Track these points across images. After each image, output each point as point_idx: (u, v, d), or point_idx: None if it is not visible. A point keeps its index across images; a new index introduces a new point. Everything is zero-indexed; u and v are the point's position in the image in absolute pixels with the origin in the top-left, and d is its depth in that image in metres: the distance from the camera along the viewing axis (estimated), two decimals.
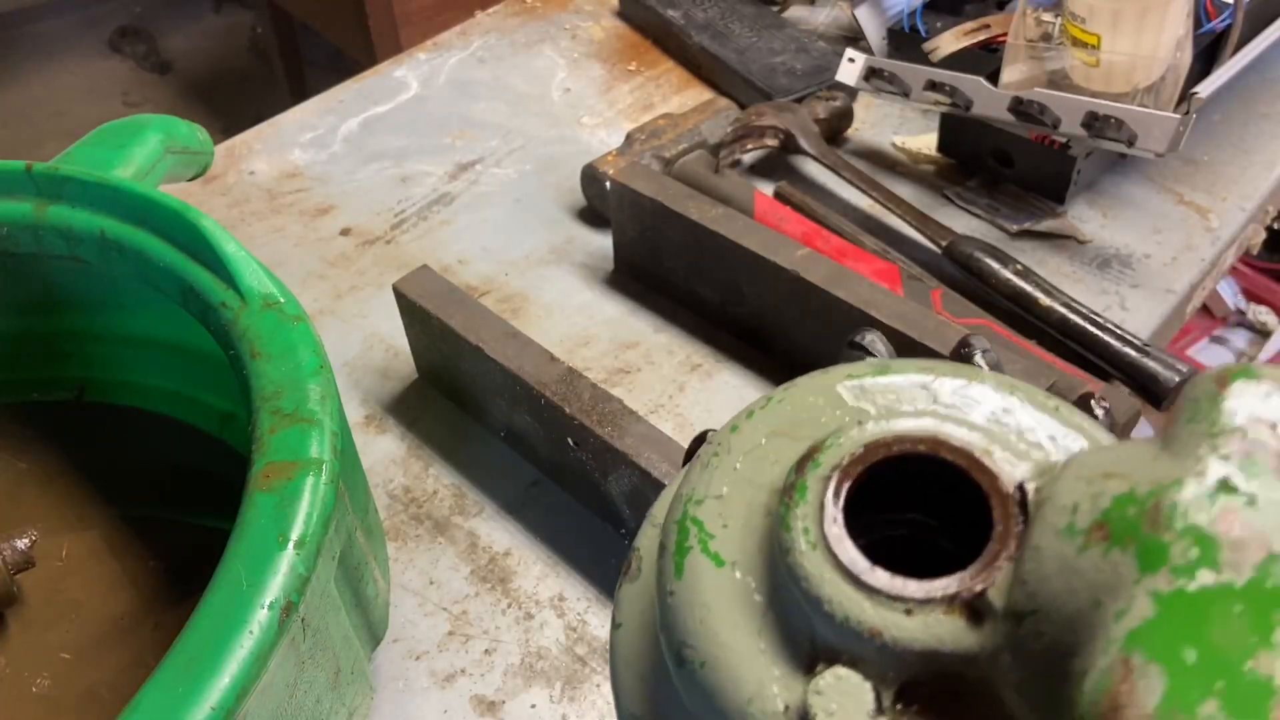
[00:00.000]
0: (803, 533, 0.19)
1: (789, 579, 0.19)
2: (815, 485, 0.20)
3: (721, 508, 0.21)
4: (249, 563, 0.31)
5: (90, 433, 0.51)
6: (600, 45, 0.89)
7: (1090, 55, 0.61)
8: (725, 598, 0.20)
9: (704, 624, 0.20)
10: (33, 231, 0.43)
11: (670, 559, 0.21)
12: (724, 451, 0.22)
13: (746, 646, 0.19)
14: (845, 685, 0.18)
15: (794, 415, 0.22)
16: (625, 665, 0.23)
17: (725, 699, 0.19)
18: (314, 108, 0.83)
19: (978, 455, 0.20)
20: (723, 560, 0.20)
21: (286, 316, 0.38)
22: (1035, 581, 0.17)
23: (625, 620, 0.24)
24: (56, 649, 0.44)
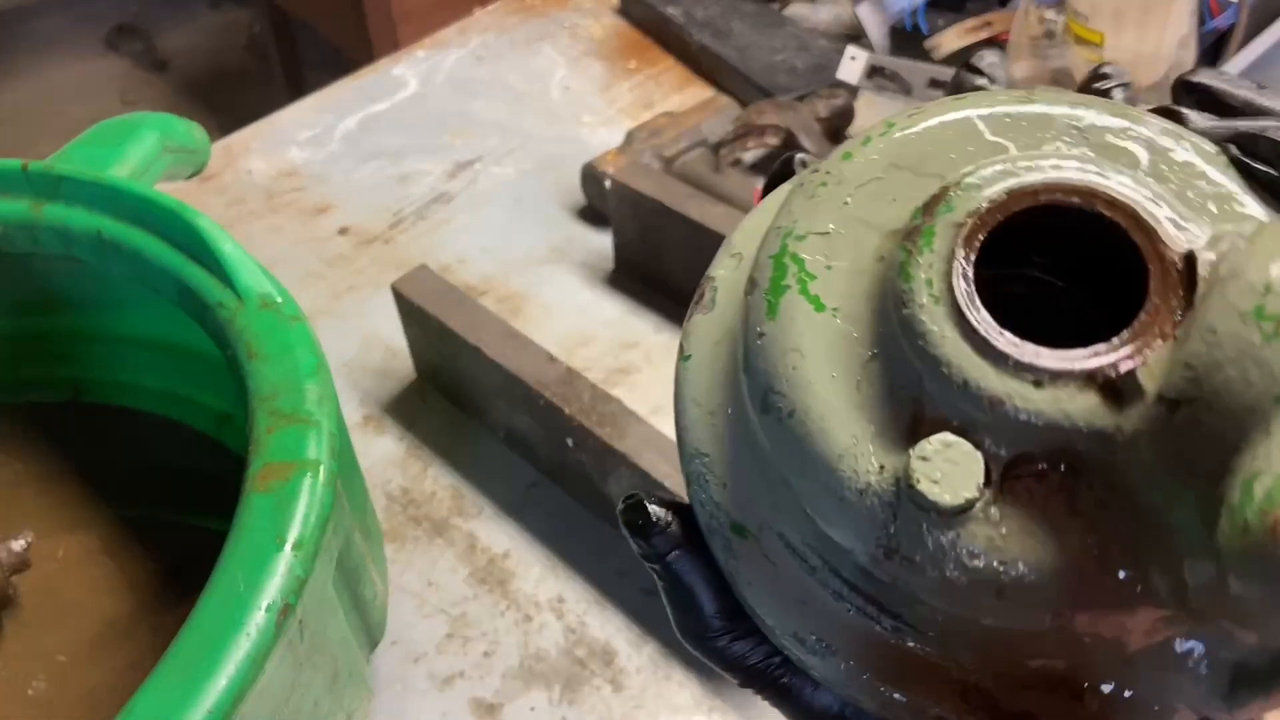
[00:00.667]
0: (925, 285, 0.17)
1: (902, 334, 0.17)
2: (944, 232, 0.17)
3: (827, 246, 0.19)
4: (246, 564, 0.31)
5: (87, 433, 0.51)
6: (600, 43, 0.89)
7: (1093, 53, 0.61)
8: (823, 345, 0.18)
9: (796, 370, 0.18)
10: (29, 231, 0.43)
11: (762, 296, 0.19)
12: (833, 182, 0.19)
13: (843, 400, 0.18)
14: (954, 453, 0.16)
15: (920, 147, 0.19)
16: (692, 401, 0.21)
17: (814, 452, 0.17)
18: (311, 106, 0.83)
19: (1141, 212, 0.17)
20: (824, 305, 0.18)
21: (284, 316, 0.38)
22: (1205, 367, 0.15)
23: (695, 352, 0.21)
24: (53, 651, 0.44)
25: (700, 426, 0.21)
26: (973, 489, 0.16)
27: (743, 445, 0.20)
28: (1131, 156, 0.18)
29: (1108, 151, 0.18)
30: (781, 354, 0.18)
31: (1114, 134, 0.18)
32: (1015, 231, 0.18)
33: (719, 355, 0.21)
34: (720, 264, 0.22)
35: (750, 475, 0.20)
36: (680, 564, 0.21)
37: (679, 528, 0.21)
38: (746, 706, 0.46)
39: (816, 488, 0.18)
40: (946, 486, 0.16)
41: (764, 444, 0.19)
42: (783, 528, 0.19)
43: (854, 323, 0.18)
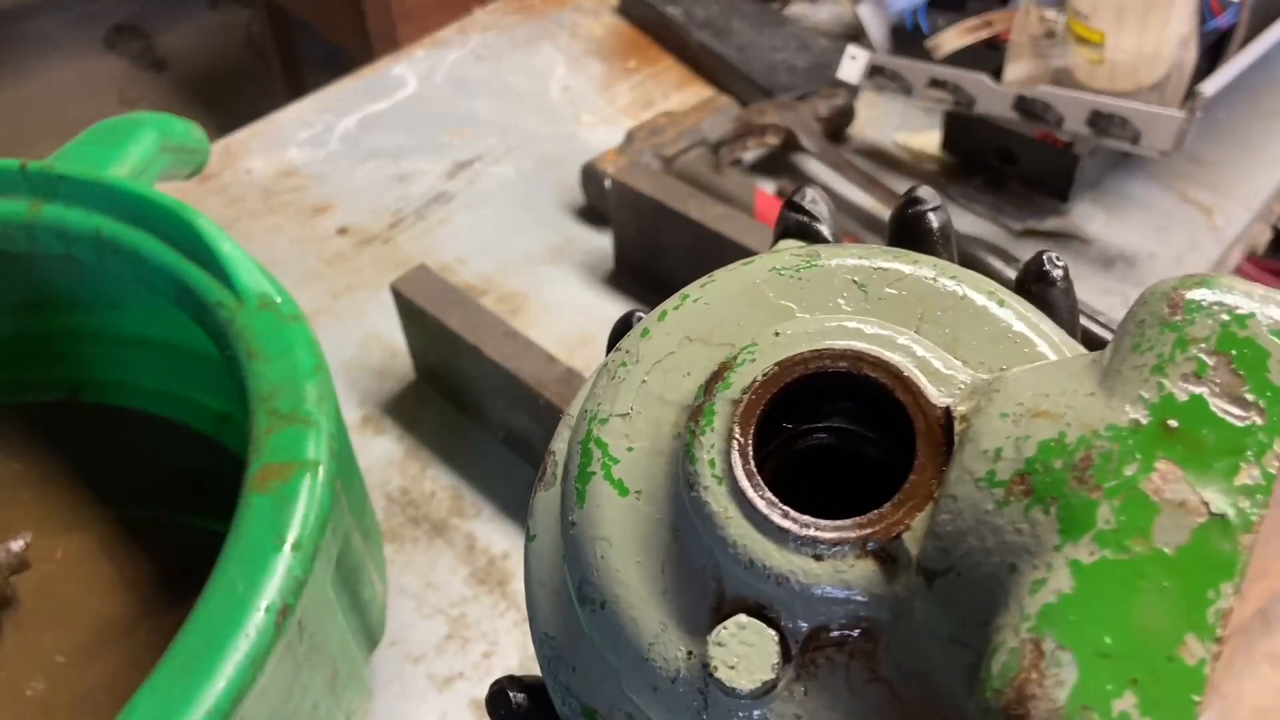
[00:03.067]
0: (709, 465, 0.17)
1: (694, 515, 0.17)
2: (723, 410, 0.18)
3: (627, 428, 0.19)
4: (245, 565, 0.31)
5: (85, 434, 0.51)
6: (600, 42, 0.89)
7: (1094, 52, 0.61)
8: (628, 531, 0.18)
9: (605, 560, 0.18)
10: (27, 230, 0.43)
11: (572, 485, 0.19)
12: (632, 361, 0.20)
13: (649, 587, 0.18)
14: (749, 634, 0.16)
15: (711, 317, 0.20)
16: (538, 584, 0.21)
17: (627, 642, 0.18)
18: (311, 105, 0.83)
19: (904, 373, 0.17)
20: (626, 489, 0.18)
21: (283, 316, 0.38)
22: (950, 537, 0.15)
23: (539, 531, 0.21)
24: (51, 652, 0.44)
25: (547, 608, 0.21)
26: (768, 670, 0.16)
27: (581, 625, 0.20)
28: (908, 306, 0.19)
29: (885, 304, 0.19)
30: (590, 543, 0.18)
31: (892, 284, 0.19)
32: (808, 391, 0.18)
33: (559, 534, 0.21)
34: (559, 437, 0.22)
35: (592, 656, 0.20)
36: None
37: (538, 716, 0.21)
38: None
39: (635, 677, 0.18)
40: (743, 671, 0.16)
41: (589, 631, 0.19)
42: (630, 709, 0.19)
43: (656, 504, 0.18)
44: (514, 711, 0.21)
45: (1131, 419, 0.15)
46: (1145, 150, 0.58)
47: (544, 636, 0.21)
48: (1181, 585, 0.13)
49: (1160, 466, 0.14)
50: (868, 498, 0.17)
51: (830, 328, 0.18)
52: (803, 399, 0.18)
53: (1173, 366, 0.15)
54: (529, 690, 0.22)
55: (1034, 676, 0.13)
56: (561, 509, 0.19)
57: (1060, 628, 0.13)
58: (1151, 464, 0.14)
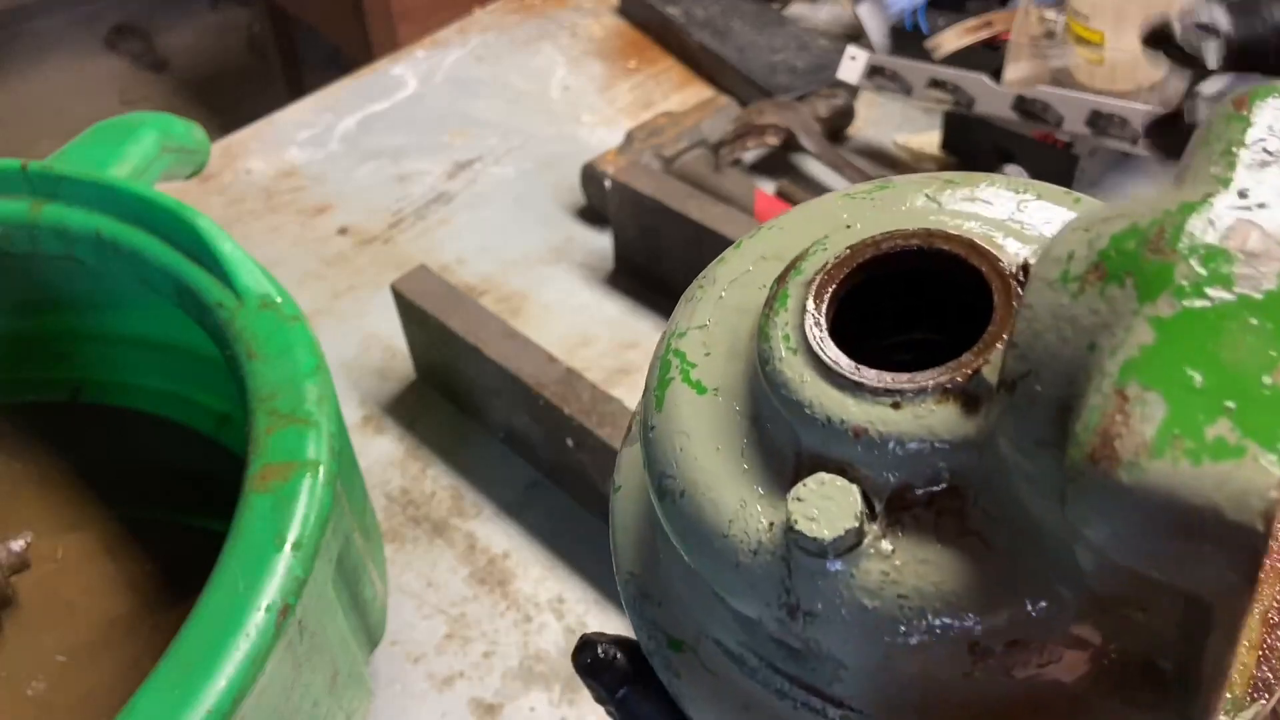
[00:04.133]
0: (783, 340, 0.18)
1: (770, 390, 0.18)
2: (796, 292, 0.18)
3: (705, 337, 0.20)
4: (245, 565, 0.31)
5: (86, 434, 0.51)
6: (600, 43, 0.89)
7: (1094, 53, 0.61)
8: (706, 423, 0.19)
9: (683, 451, 0.18)
10: (28, 231, 0.43)
11: (651, 394, 0.20)
12: (709, 283, 0.21)
13: (728, 469, 0.18)
14: (828, 489, 0.16)
15: (785, 239, 0.21)
16: (623, 529, 0.22)
17: (706, 524, 0.18)
18: (311, 106, 0.83)
19: (976, 240, 0.18)
20: (704, 387, 0.19)
21: (283, 316, 0.38)
22: (1027, 341, 0.15)
23: (624, 482, 0.22)
24: (52, 651, 0.44)
25: (630, 549, 0.22)
26: (850, 519, 0.16)
27: (666, 555, 0.20)
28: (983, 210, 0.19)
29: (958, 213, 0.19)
30: (669, 439, 0.19)
31: (967, 197, 0.20)
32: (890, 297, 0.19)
33: (642, 483, 0.21)
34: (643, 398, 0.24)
35: (678, 586, 0.20)
36: (631, 701, 0.21)
37: (627, 663, 0.21)
38: None
39: (715, 562, 0.18)
40: (824, 522, 0.16)
41: (670, 533, 0.19)
42: (717, 633, 0.19)
43: (735, 398, 0.19)
44: (601, 660, 0.21)
45: (1204, 192, 0.15)
46: (1145, 150, 0.58)
47: (629, 576, 0.21)
48: (1272, 321, 0.13)
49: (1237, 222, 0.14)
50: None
51: (900, 213, 0.19)
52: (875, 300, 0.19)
53: (1243, 149, 0.15)
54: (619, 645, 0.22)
55: (1119, 419, 0.13)
56: (641, 422, 0.20)
57: (1144, 373, 0.13)
58: (1227, 221, 0.14)
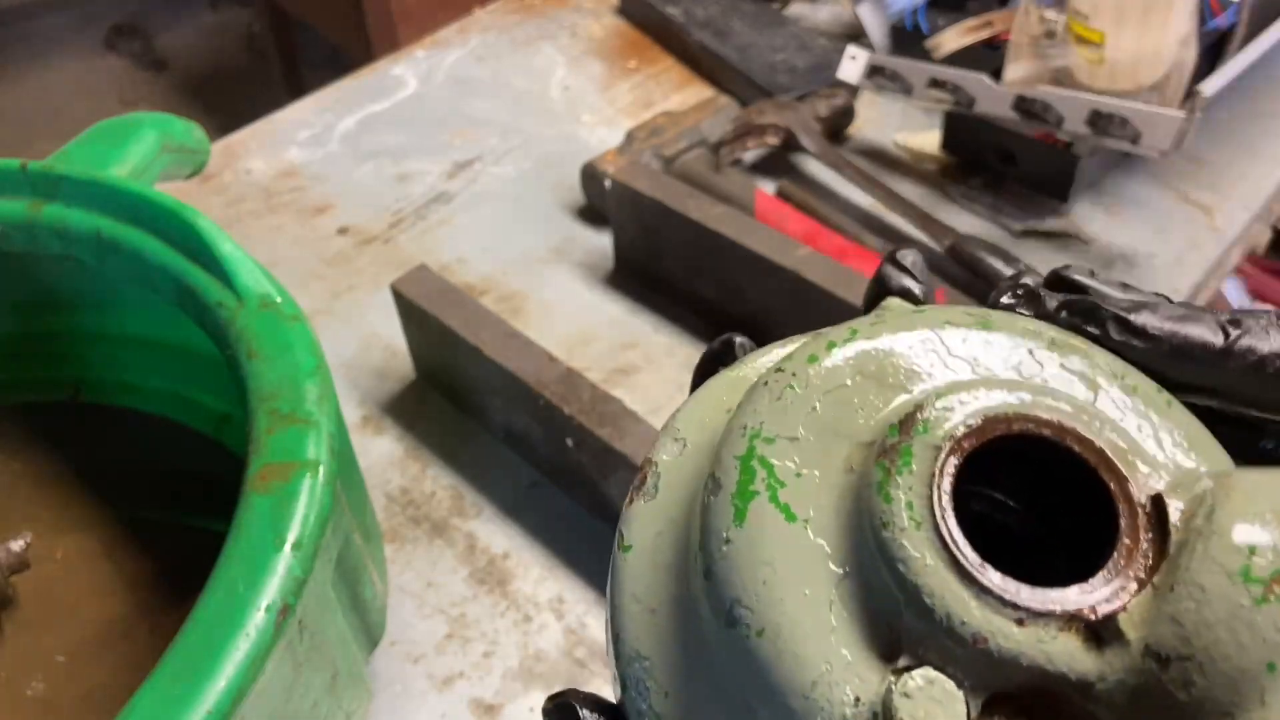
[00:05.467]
0: (906, 507, 0.16)
1: (880, 557, 0.16)
2: (923, 454, 0.17)
3: (797, 452, 0.18)
4: (245, 565, 0.31)
5: (86, 434, 0.51)
6: (600, 43, 0.89)
7: (1094, 53, 0.61)
8: (794, 559, 0.17)
9: (767, 585, 0.17)
10: (28, 231, 0.43)
11: (729, 500, 0.18)
12: (800, 385, 0.19)
13: (816, 621, 0.17)
14: (937, 690, 0.16)
15: (884, 359, 0.19)
16: (632, 597, 0.20)
17: (784, 676, 0.16)
18: (311, 105, 0.83)
19: (1110, 453, 0.17)
20: (794, 515, 0.17)
21: (283, 316, 0.38)
22: (1195, 625, 0.15)
23: (635, 543, 0.20)
24: (51, 652, 0.44)
25: (640, 625, 0.19)
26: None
27: (693, 653, 0.19)
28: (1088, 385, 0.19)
29: (1057, 389, 0.19)
30: (752, 565, 0.17)
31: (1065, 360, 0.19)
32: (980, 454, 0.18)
33: (661, 547, 0.20)
34: (663, 448, 0.21)
35: (701, 687, 0.18)
36: None
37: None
38: None
39: (785, 716, 0.17)
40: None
41: (723, 659, 0.18)
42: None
43: (825, 536, 0.17)
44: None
45: None
46: (1145, 150, 0.58)
47: (634, 654, 0.19)
48: None
49: None
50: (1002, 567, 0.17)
51: (1037, 385, 0.18)
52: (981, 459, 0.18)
53: None
54: (602, 711, 0.19)
55: None
56: (707, 523, 0.18)
57: None
58: None
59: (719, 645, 0.18)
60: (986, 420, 0.17)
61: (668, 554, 0.20)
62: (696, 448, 0.21)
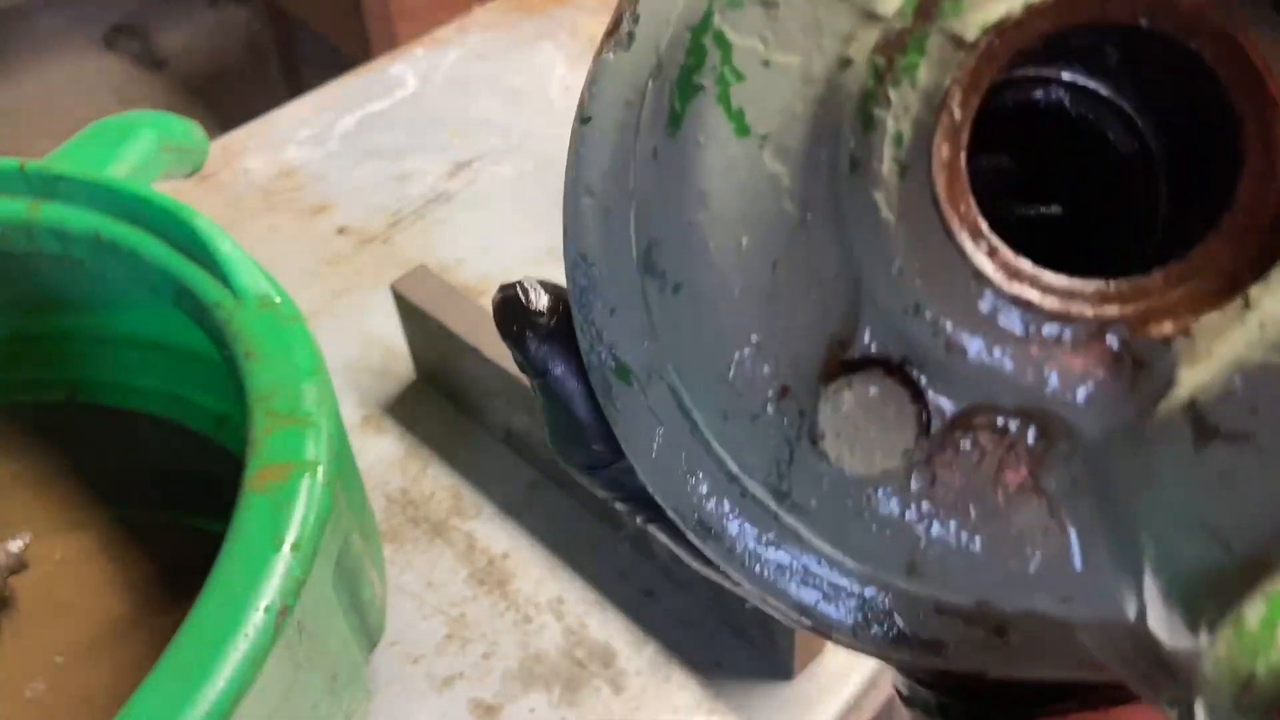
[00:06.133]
0: (892, 140, 0.11)
1: (846, 205, 0.12)
2: (940, 50, 0.11)
3: (770, 26, 0.12)
4: (244, 566, 0.31)
5: (84, 434, 0.51)
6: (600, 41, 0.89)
7: None
8: (737, 191, 0.12)
9: (694, 226, 0.13)
10: (26, 230, 0.43)
11: (667, 94, 0.13)
12: None
13: (750, 281, 0.12)
14: (879, 406, 0.11)
15: None
16: (585, 188, 0.15)
17: (700, 349, 0.13)
18: (310, 104, 0.82)
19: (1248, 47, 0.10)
20: (747, 126, 0.12)
21: (282, 317, 0.37)
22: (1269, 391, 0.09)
23: (598, 114, 0.15)
24: (50, 652, 0.44)
25: (592, 223, 0.15)
26: (896, 457, 0.12)
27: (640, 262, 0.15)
28: None
29: None
30: (678, 193, 0.13)
31: None
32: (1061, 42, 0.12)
33: (629, 124, 0.15)
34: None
35: (643, 312, 0.15)
36: (564, 385, 0.16)
37: (566, 336, 0.16)
38: (746, 708, 0.45)
39: (701, 391, 0.13)
40: (860, 453, 0.12)
41: (649, 313, 0.14)
42: (675, 380, 0.14)
43: (787, 163, 0.12)
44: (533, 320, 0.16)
45: None
46: None
47: (579, 258, 0.15)
48: None
49: None
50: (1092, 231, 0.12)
51: None
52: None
53: None
54: (557, 300, 0.16)
55: None
56: (640, 122, 0.13)
57: None
58: None
59: (646, 293, 0.14)
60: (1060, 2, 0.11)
61: (638, 124, 0.15)
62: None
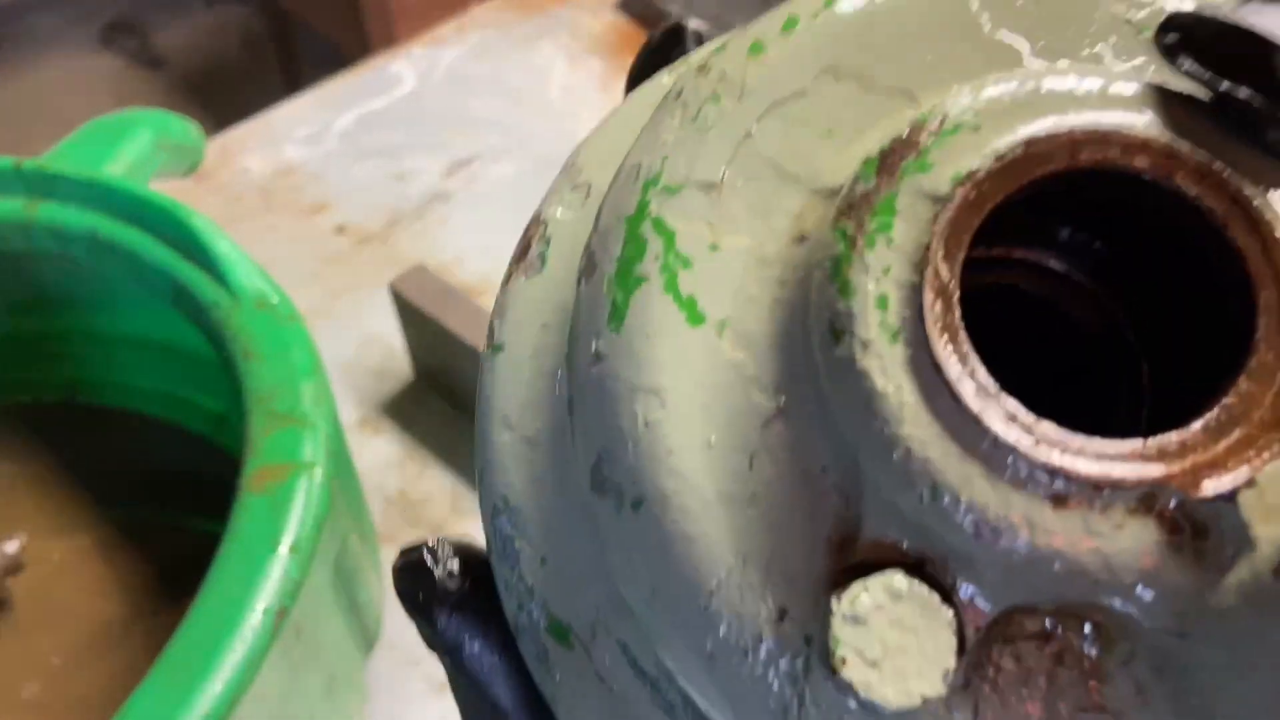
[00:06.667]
0: (876, 305, 0.10)
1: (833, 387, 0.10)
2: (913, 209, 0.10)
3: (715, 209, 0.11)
4: (241, 567, 0.30)
5: (81, 435, 0.51)
6: (599, 40, 0.88)
7: None
8: (698, 386, 0.11)
9: (651, 429, 0.11)
10: (23, 230, 0.43)
11: (604, 290, 0.11)
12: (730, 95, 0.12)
13: (725, 488, 0.11)
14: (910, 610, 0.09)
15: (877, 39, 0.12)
16: (502, 421, 0.13)
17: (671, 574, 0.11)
18: (308, 103, 0.82)
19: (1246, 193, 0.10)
20: (701, 315, 0.11)
21: (280, 316, 0.37)
22: None
23: (510, 341, 0.13)
24: (46, 654, 0.44)
25: (513, 461, 0.13)
26: (937, 681, 0.10)
27: (575, 506, 0.13)
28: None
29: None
30: (628, 395, 0.11)
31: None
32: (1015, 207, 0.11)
33: (547, 347, 0.13)
34: (558, 199, 0.14)
35: (585, 550, 0.13)
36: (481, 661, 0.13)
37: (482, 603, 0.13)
38: None
39: (675, 630, 0.11)
40: (893, 675, 0.09)
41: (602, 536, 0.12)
42: (628, 635, 0.12)
43: (751, 349, 0.11)
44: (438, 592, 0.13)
45: None
46: None
47: (499, 504, 0.13)
48: None
49: None
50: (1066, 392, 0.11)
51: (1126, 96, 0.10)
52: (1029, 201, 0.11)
53: None
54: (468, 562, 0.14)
55: None
56: (577, 327, 0.12)
57: None
58: None
59: (598, 515, 0.12)
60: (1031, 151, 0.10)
61: (555, 358, 0.13)
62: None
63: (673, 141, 0.12)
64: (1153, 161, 0.10)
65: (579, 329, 0.12)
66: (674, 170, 0.12)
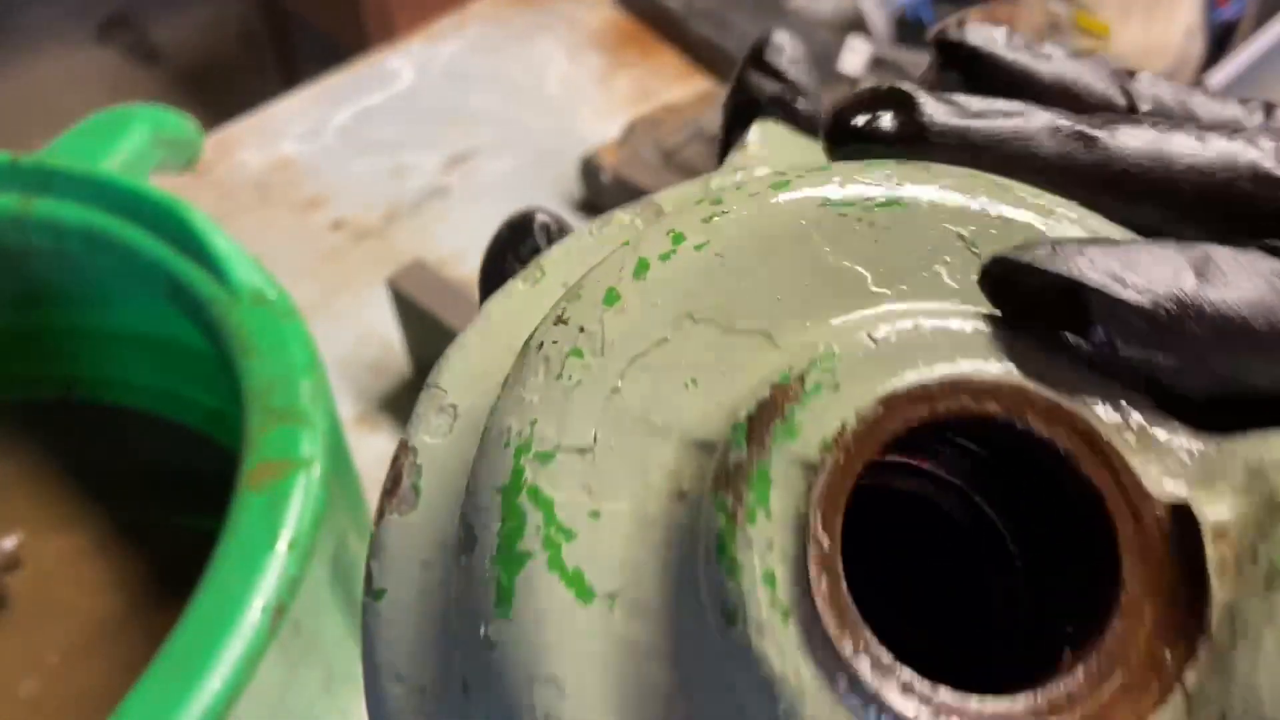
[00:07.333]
0: (764, 582, 0.10)
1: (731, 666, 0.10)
2: (787, 478, 0.10)
3: (589, 474, 0.11)
4: (239, 564, 0.30)
5: (78, 431, 0.50)
6: (598, 34, 0.88)
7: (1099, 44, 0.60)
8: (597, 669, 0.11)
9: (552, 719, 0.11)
10: (19, 226, 0.43)
11: (487, 574, 0.11)
12: (592, 350, 0.12)
13: None
14: None
15: (728, 282, 0.12)
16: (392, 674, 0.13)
17: None
18: (305, 98, 0.82)
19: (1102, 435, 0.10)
20: (590, 591, 0.11)
21: (277, 312, 0.37)
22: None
23: (392, 585, 0.13)
24: (44, 651, 0.43)
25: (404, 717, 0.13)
26: None
27: None
28: None
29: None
30: (525, 685, 0.11)
31: None
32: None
33: (431, 587, 0.13)
34: (423, 425, 0.14)
35: None
36: None
37: None
38: None
39: None
40: None
41: None
42: None
43: (645, 619, 0.11)
44: None
45: None
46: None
47: None
48: None
49: None
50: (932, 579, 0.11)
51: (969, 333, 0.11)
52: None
53: None
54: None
55: None
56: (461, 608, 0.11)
57: None
58: None
59: None
60: (889, 408, 0.11)
61: (440, 598, 0.13)
62: (473, 421, 0.13)
63: (539, 402, 0.12)
64: (1004, 405, 0.11)
65: (465, 607, 0.11)
66: (544, 435, 0.12)
